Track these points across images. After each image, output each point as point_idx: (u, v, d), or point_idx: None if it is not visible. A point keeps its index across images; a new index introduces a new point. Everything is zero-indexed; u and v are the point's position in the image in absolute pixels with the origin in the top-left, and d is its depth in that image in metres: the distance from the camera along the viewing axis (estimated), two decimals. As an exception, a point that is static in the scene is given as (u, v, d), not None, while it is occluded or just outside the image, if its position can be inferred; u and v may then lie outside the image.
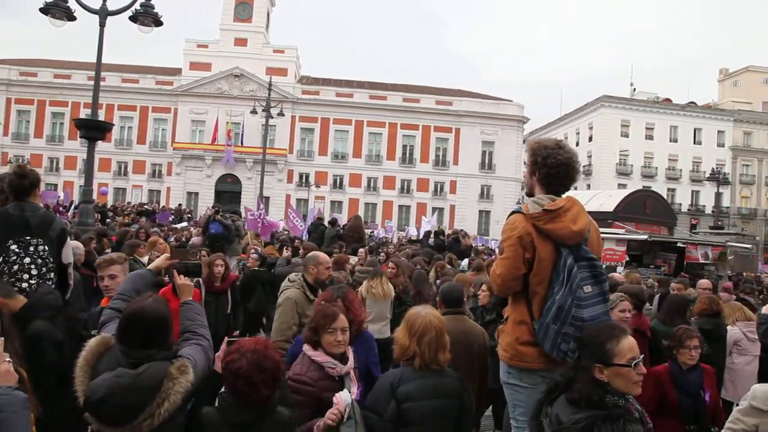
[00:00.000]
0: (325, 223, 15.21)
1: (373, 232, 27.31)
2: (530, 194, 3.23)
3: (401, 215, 46.81)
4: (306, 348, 3.09)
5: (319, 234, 14.08)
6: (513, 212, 3.16)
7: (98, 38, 10.78)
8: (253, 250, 9.64)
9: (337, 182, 47.73)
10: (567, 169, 3.08)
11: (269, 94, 26.79)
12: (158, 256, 3.86)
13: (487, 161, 48.75)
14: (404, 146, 48.45)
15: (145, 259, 7.00)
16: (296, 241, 15.00)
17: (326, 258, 5.08)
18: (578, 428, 2.33)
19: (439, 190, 48.45)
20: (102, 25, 10.64)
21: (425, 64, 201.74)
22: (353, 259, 9.82)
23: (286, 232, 20.12)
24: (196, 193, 45.23)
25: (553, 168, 3.07)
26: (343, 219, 23.70)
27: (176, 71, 47.40)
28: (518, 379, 3.11)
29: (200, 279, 5.92)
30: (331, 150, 47.78)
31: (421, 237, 18.59)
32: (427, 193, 48.16)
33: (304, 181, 46.08)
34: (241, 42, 47.23)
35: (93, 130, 11.28)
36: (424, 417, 2.88)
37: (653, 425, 3.74)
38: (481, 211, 47.92)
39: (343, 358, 3.11)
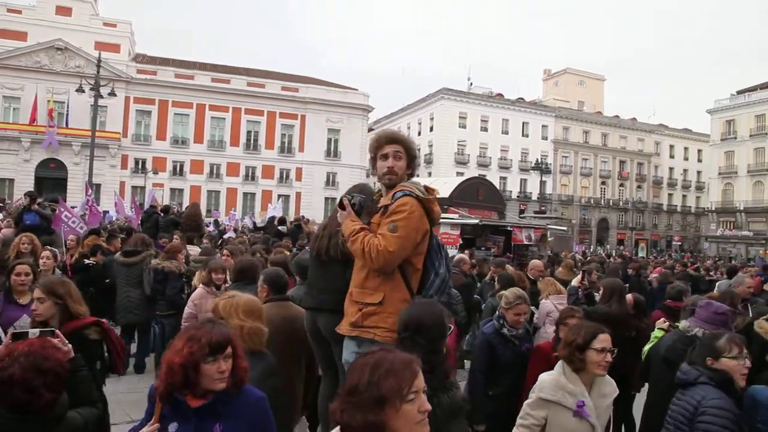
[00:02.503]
0: (159, 210, 14.33)
1: (217, 219, 26.36)
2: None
3: (246, 203, 45.60)
4: None
5: (153, 223, 13.25)
6: (404, 194, 3.05)
7: None
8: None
9: (177, 169, 45.22)
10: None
11: (98, 71, 24.46)
12: None
13: (332, 149, 49.17)
14: (249, 132, 47.17)
15: None
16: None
17: None
18: None
19: (284, 177, 47.95)
20: None
21: (271, 49, 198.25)
22: (193, 249, 9.45)
23: (119, 221, 18.76)
24: (12, 180, 39.90)
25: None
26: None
27: (-18, 39, 41.62)
28: None
29: None
30: (170, 135, 45.06)
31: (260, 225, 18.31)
32: (272, 180, 47.43)
33: (140, 167, 43.10)
34: (64, 11, 42.53)
35: None
36: None
37: None
38: (327, 198, 48.12)
39: None
